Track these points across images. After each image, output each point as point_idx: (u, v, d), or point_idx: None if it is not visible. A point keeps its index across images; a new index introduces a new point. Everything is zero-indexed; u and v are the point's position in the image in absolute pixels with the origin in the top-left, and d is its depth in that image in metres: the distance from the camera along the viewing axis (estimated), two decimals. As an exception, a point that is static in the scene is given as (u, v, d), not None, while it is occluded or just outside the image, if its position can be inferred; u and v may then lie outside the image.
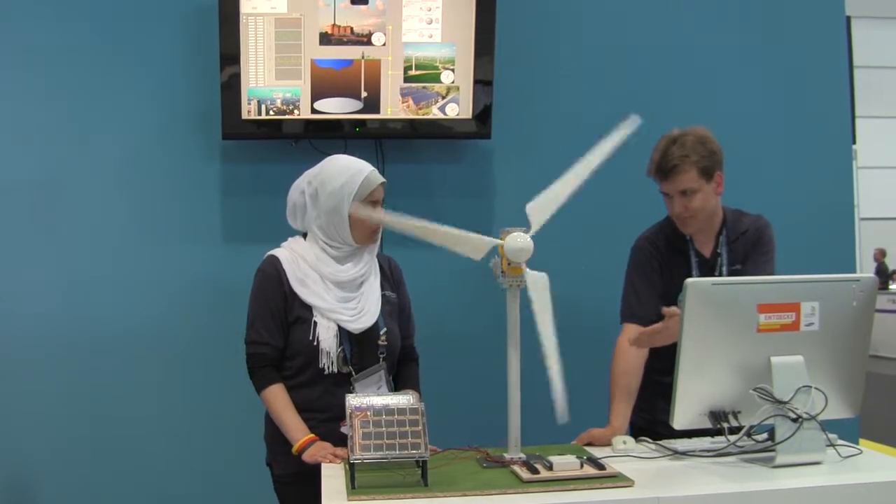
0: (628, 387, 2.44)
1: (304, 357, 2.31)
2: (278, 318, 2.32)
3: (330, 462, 2.13)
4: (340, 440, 2.14)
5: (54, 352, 3.09)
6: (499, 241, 2.07)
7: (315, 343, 2.29)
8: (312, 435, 2.23)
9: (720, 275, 2.52)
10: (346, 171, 2.33)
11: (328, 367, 2.30)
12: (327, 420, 2.27)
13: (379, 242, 2.44)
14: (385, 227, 2.32)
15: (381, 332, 2.37)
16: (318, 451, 2.18)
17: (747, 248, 2.55)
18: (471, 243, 2.09)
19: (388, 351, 2.38)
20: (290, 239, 2.42)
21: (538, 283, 2.06)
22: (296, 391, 2.32)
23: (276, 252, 2.39)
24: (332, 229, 2.33)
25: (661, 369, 2.46)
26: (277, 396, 2.30)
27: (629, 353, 2.46)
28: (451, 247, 2.10)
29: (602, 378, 2.49)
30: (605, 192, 3.24)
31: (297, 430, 2.25)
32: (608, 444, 2.28)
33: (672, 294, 2.53)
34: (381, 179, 2.37)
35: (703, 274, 2.51)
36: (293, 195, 2.40)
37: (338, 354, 2.30)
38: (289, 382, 2.33)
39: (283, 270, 2.33)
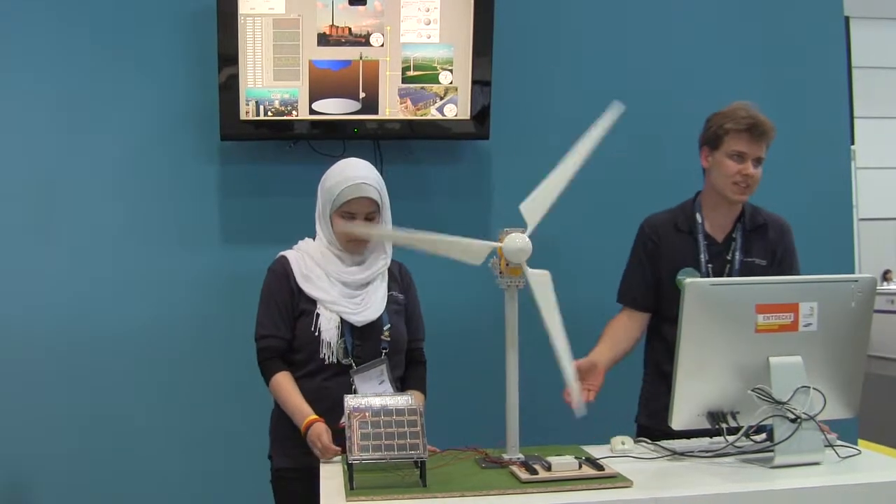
0: (613, 337, 2.51)
1: (306, 349, 2.33)
2: (285, 312, 2.35)
3: (320, 449, 2.16)
4: (337, 433, 2.15)
5: (53, 352, 3.08)
6: (497, 244, 2.06)
7: (317, 334, 2.31)
8: (315, 416, 2.23)
9: (731, 258, 2.52)
10: (338, 176, 2.35)
11: (328, 358, 2.31)
12: (324, 412, 2.25)
13: (388, 250, 2.44)
14: (380, 240, 2.34)
15: (385, 328, 2.38)
16: (314, 435, 2.18)
17: (774, 247, 2.55)
18: (470, 249, 2.09)
19: (391, 347, 2.38)
20: (300, 241, 2.45)
21: (540, 282, 2.05)
22: (298, 384, 2.32)
23: (286, 252, 2.43)
24: (325, 228, 2.38)
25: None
26: (281, 383, 2.32)
27: (616, 322, 2.56)
28: (449, 254, 2.10)
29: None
30: (601, 191, 3.28)
31: (300, 413, 2.25)
32: (591, 368, 2.33)
33: (670, 276, 2.53)
34: (361, 194, 2.31)
35: (711, 256, 2.52)
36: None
37: (338, 345, 2.31)
38: (293, 375, 2.34)
39: (290, 267, 2.37)
